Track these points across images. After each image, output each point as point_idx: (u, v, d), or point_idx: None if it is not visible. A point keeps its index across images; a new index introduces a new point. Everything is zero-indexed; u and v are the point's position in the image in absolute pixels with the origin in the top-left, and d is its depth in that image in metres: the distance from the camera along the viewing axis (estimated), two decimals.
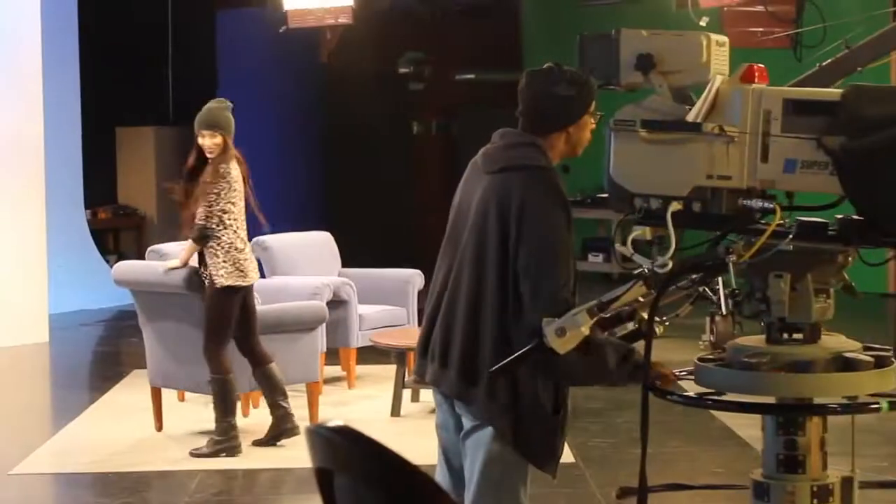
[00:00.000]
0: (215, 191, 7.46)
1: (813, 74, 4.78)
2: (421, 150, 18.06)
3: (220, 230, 7.50)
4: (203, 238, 7.49)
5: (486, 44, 17.18)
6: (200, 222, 7.45)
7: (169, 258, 8.16)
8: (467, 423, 4.07)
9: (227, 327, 7.61)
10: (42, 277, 12.75)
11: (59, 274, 13.49)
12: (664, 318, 5.24)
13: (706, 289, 3.93)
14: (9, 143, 12.44)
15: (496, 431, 4.01)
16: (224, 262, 7.51)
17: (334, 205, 16.72)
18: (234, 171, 7.53)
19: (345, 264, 10.42)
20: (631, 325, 3.96)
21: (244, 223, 7.65)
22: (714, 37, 3.78)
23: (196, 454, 7.59)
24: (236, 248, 7.54)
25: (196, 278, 7.65)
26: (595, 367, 3.89)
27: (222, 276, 7.50)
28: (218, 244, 7.51)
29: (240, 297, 7.62)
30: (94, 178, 15.98)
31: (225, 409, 7.62)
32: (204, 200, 7.45)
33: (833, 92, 3.64)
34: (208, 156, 7.55)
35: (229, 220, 7.52)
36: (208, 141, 7.53)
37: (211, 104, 7.76)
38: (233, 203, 7.52)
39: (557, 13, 16.72)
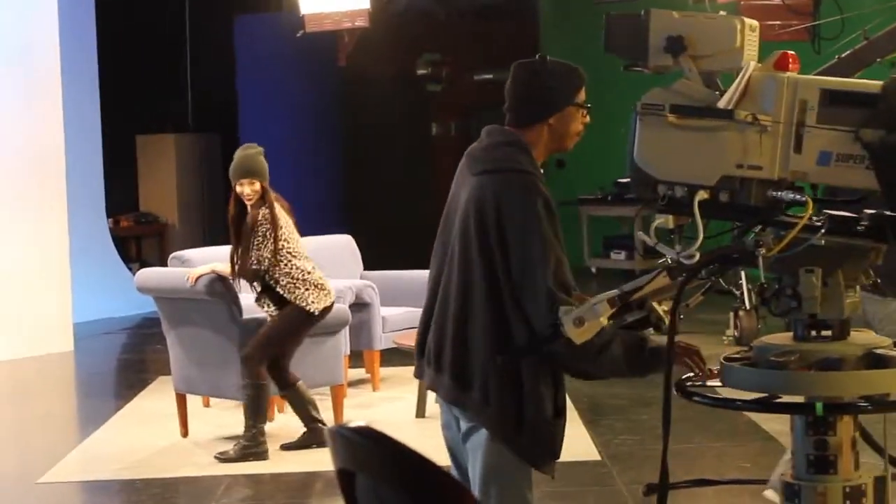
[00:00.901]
0: (261, 233, 7.55)
1: (832, 66, 4.75)
2: (440, 151, 18.06)
3: (287, 264, 7.63)
4: (255, 280, 7.66)
5: (503, 44, 17.18)
6: (254, 267, 7.56)
7: (191, 264, 8.17)
8: (464, 425, 4.05)
9: (290, 348, 7.79)
10: (66, 287, 12.79)
11: (83, 282, 13.53)
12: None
13: (730, 284, 3.86)
14: (30, 153, 12.48)
15: (492, 433, 3.97)
16: (307, 290, 7.66)
17: (355, 207, 16.73)
18: (277, 209, 7.62)
19: (366, 267, 10.42)
20: (639, 314, 3.86)
21: (305, 250, 7.82)
22: (748, 21, 3.66)
23: (223, 459, 7.60)
24: (309, 273, 7.70)
25: (219, 285, 7.69)
26: (614, 360, 3.87)
27: (313, 302, 7.67)
28: (292, 278, 7.65)
29: (324, 317, 7.80)
30: (115, 186, 16.04)
31: (256, 414, 7.64)
32: (253, 246, 7.55)
33: (873, 83, 3.51)
34: (247, 203, 7.64)
35: (292, 252, 7.66)
36: (247, 189, 7.63)
37: (243, 151, 7.83)
38: (286, 240, 7.65)
39: (574, 13, 16.70)
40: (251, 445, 7.61)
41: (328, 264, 10.07)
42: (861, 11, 9.64)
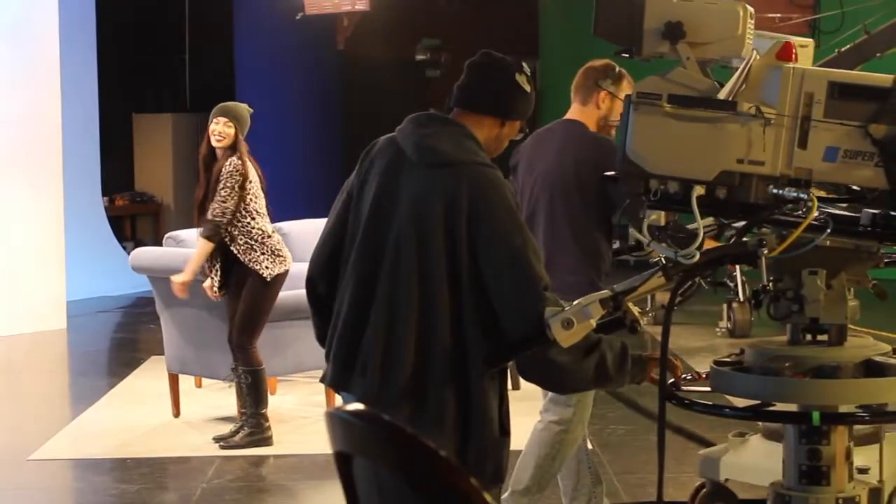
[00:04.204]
0: (229, 185, 7.38)
1: (831, 60, 4.73)
2: None
3: (248, 223, 7.45)
4: (215, 235, 7.39)
5: (503, 30, 17.16)
6: (216, 219, 7.37)
7: (186, 245, 8.15)
8: None
9: (264, 322, 7.57)
10: (60, 264, 12.78)
11: (77, 260, 13.52)
12: (647, 309, 5.17)
13: (723, 276, 3.74)
14: (27, 130, 12.45)
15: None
16: (262, 254, 7.46)
17: None
18: (249, 166, 7.46)
19: None
20: (613, 315, 3.54)
21: (266, 214, 7.62)
22: (749, 8, 3.49)
23: (227, 445, 7.54)
24: (269, 236, 7.51)
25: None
26: (600, 364, 3.58)
27: (267, 267, 7.45)
28: (251, 237, 7.45)
29: (281, 285, 7.60)
30: (111, 165, 16.01)
31: (257, 400, 7.57)
32: (218, 196, 7.39)
33: (884, 77, 3.37)
34: (215, 143, 7.44)
35: (256, 211, 7.50)
36: (221, 127, 7.42)
37: (234, 102, 7.75)
38: (255, 196, 7.50)
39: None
40: (256, 431, 7.58)
41: None
42: (862, 5, 9.63)
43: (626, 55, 3.59)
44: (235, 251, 7.46)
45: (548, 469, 5.26)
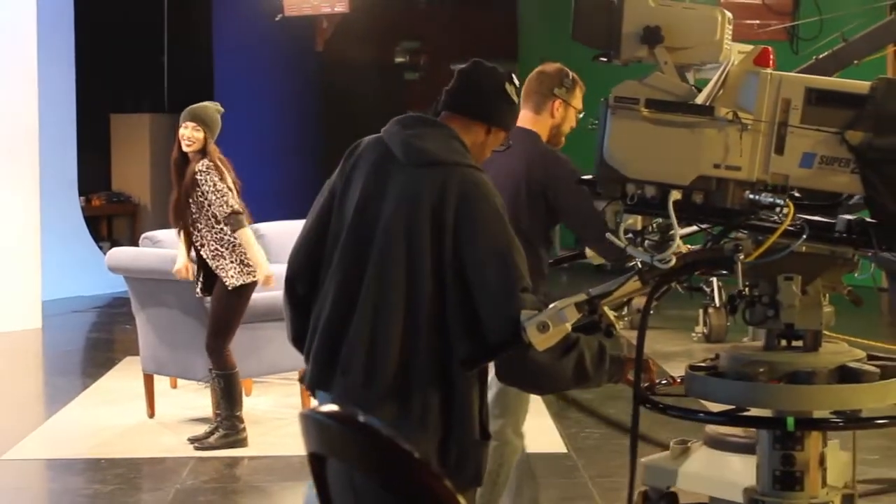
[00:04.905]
0: (210, 183, 7.32)
1: (809, 67, 4.74)
2: None
3: (221, 229, 7.39)
4: (239, 224, 7.37)
5: (482, 33, 17.19)
6: (230, 214, 7.34)
7: (162, 245, 8.12)
8: None
9: (235, 326, 7.52)
10: (35, 264, 12.73)
11: (53, 259, 13.47)
12: (622, 312, 5.16)
13: (700, 281, 3.71)
14: (4, 129, 12.41)
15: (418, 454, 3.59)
16: (231, 262, 7.42)
17: None
18: (222, 168, 7.44)
19: None
20: (588, 318, 3.51)
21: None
22: (727, 13, 3.47)
23: (202, 447, 7.52)
24: (239, 245, 7.45)
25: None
26: (579, 364, 3.58)
27: (232, 276, 7.41)
28: (221, 243, 7.41)
29: (250, 293, 7.56)
30: (88, 164, 15.97)
31: (231, 403, 7.55)
32: (214, 198, 7.35)
33: (861, 84, 3.34)
34: (185, 148, 7.39)
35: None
36: (189, 132, 7.36)
37: (204, 103, 7.69)
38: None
39: (553, 2, 16.70)
40: (231, 433, 7.56)
41: None
42: (840, 13, 9.68)
43: (605, 59, 3.57)
44: (204, 255, 7.45)
45: (493, 483, 5.13)
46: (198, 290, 7.56)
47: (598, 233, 5.06)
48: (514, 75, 3.89)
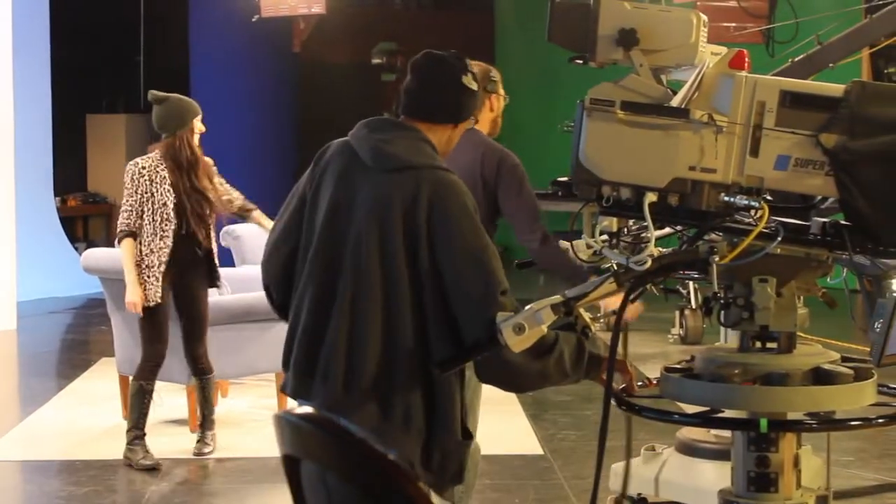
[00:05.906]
0: (221, 179, 7.51)
1: (785, 70, 4.77)
2: None
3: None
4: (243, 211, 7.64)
5: (459, 35, 17.19)
6: (241, 202, 7.60)
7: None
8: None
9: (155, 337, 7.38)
10: (10, 264, 12.69)
11: (28, 260, 13.43)
12: (599, 315, 5.18)
13: (676, 283, 3.72)
14: None
15: (402, 460, 3.56)
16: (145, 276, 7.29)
17: None
18: None
19: None
20: (564, 319, 3.49)
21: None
22: (702, 16, 3.47)
23: (204, 453, 7.49)
24: (145, 256, 7.29)
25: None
26: (559, 361, 3.58)
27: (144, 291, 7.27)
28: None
29: (150, 316, 7.31)
30: (64, 165, 15.93)
31: (211, 404, 7.57)
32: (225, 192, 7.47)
33: (835, 87, 3.35)
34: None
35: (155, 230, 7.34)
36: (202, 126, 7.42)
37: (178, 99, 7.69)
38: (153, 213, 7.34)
39: (530, 4, 16.73)
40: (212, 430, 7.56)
41: None
42: (815, 16, 9.70)
43: (580, 61, 3.57)
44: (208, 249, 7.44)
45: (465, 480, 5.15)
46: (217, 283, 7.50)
47: (525, 225, 5.19)
48: (466, 60, 3.86)
